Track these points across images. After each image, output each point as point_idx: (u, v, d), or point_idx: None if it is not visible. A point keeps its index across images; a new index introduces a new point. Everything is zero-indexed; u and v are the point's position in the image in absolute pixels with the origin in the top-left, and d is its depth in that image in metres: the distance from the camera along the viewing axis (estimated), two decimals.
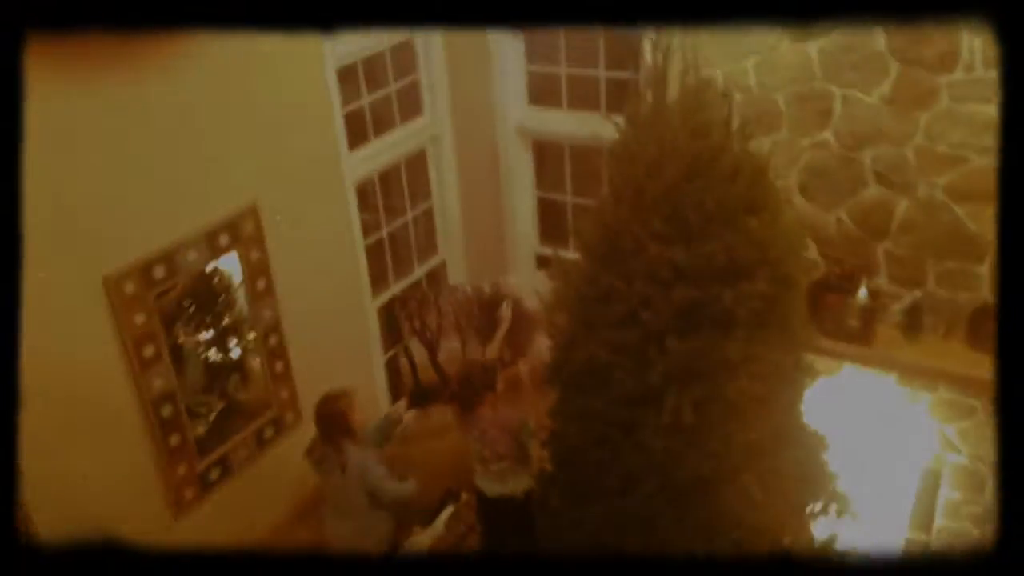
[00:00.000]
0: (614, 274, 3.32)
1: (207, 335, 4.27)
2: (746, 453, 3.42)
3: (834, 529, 4.11)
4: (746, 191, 3.17)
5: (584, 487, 3.74)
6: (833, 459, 4.03)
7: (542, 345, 4.46)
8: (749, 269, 3.14)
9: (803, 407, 3.82)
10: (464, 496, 4.76)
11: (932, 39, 3.73)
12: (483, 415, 4.12)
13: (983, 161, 3.77)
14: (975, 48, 3.66)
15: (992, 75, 3.68)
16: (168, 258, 3.82)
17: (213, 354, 4.35)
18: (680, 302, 3.13)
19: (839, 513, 4.03)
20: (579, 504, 3.78)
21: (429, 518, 4.89)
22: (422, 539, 4.83)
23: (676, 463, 3.38)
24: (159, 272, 3.80)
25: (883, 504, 4.58)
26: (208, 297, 4.19)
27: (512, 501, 4.16)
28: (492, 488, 4.18)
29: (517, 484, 4.13)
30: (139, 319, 3.74)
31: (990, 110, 3.70)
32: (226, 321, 4.27)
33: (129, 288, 3.67)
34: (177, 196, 3.81)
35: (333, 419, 3.81)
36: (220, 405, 4.37)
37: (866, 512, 4.53)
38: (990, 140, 3.77)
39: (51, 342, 3.34)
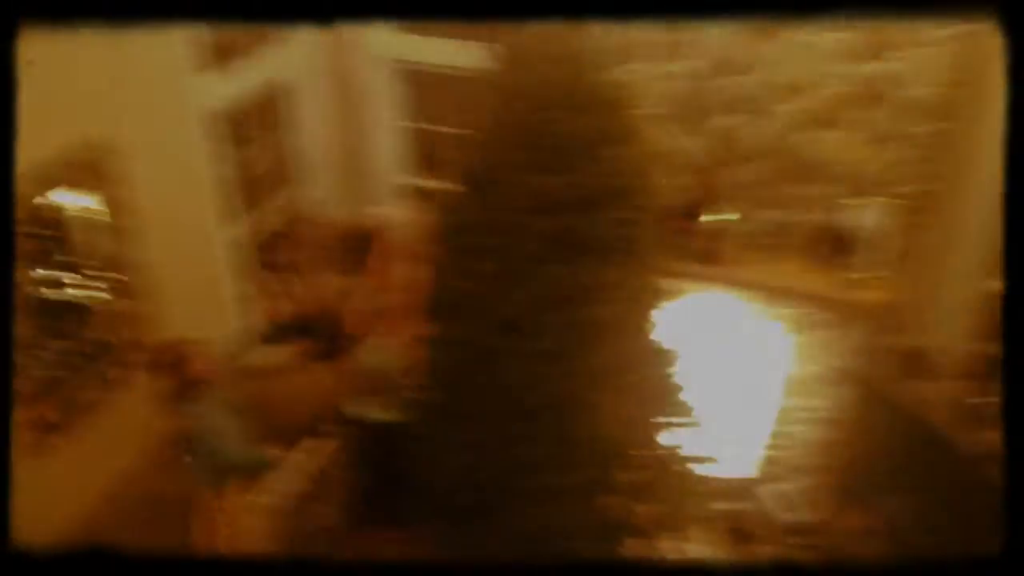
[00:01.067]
0: (482, 205, 3.38)
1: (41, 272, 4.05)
2: (598, 374, 3.60)
3: (682, 438, 4.42)
4: (601, 122, 3.27)
5: (455, 411, 3.86)
6: (681, 374, 4.31)
7: (410, 275, 4.46)
8: (603, 199, 3.27)
9: (654, 327, 4.04)
10: (330, 427, 4.79)
11: None
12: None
13: (819, 90, 4.01)
14: None
15: None
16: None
17: (63, 289, 4.15)
18: (542, 231, 3.23)
19: (686, 422, 4.33)
20: (450, 427, 3.89)
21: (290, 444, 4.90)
22: (286, 471, 4.85)
23: (538, 385, 3.53)
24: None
25: (735, 413, 4.95)
26: (58, 228, 3.97)
27: (381, 427, 4.25)
28: (361, 414, 4.26)
29: (385, 410, 4.22)
30: None
31: (824, 41, 3.92)
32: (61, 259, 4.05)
33: None
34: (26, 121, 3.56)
35: (167, 368, 3.71)
36: (65, 345, 4.18)
37: (718, 421, 4.91)
38: (826, 68, 4.00)
39: None
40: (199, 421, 3.79)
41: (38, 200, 3.80)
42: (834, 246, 4.21)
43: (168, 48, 4.23)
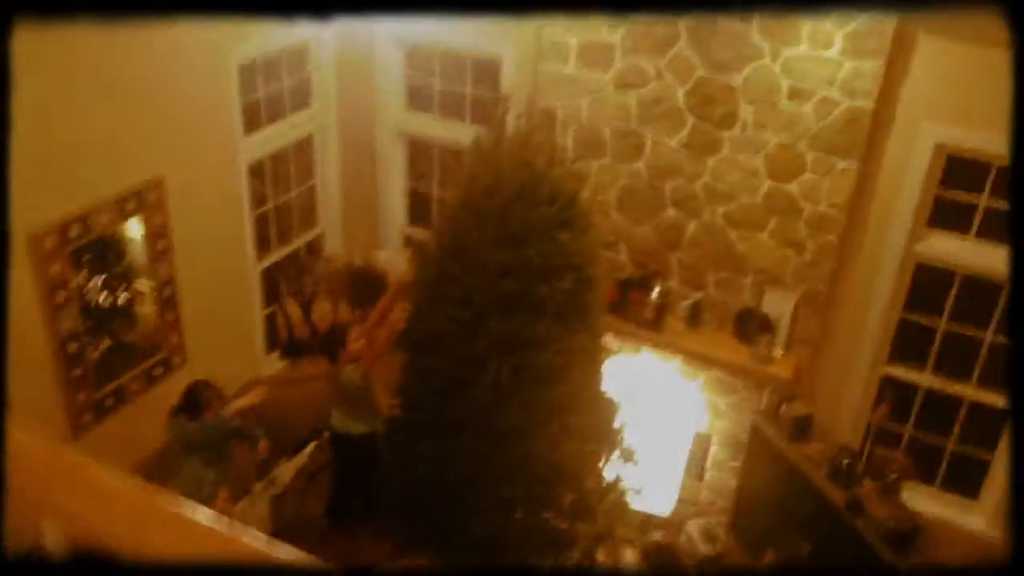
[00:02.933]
0: (456, 265, 4.25)
1: (98, 280, 4.90)
2: (550, 410, 4.42)
3: (620, 473, 5.21)
4: (560, 211, 4.14)
5: (424, 428, 4.67)
6: (623, 419, 5.13)
7: (400, 312, 5.30)
8: (558, 271, 4.13)
9: (600, 377, 4.87)
10: (326, 434, 5.62)
11: (717, 102, 4.81)
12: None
13: (750, 199, 4.90)
14: (748, 112, 4.77)
15: (758, 136, 4.80)
16: (83, 219, 4.49)
17: (103, 298, 4.99)
18: (504, 291, 4.08)
19: (624, 459, 5.13)
20: (419, 442, 4.70)
21: (296, 450, 5.75)
22: (288, 467, 5.69)
23: (496, 413, 4.35)
24: (75, 230, 4.46)
25: (664, 457, 5.74)
26: (117, 250, 4.84)
27: (357, 438, 5.08)
28: (341, 425, 5.10)
29: (362, 425, 5.05)
30: (54, 270, 4.41)
31: (756, 161, 4.83)
32: (116, 270, 4.91)
33: (49, 243, 4.34)
34: (93, 166, 4.48)
35: (193, 403, 4.66)
36: (107, 343, 5.04)
37: (650, 462, 5.69)
38: (756, 183, 4.90)
39: None
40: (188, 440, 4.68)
41: (104, 224, 4.68)
42: (755, 325, 5.05)
43: (223, 108, 5.18)
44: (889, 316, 4.96)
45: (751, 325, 5.11)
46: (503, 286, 4.08)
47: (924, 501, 4.94)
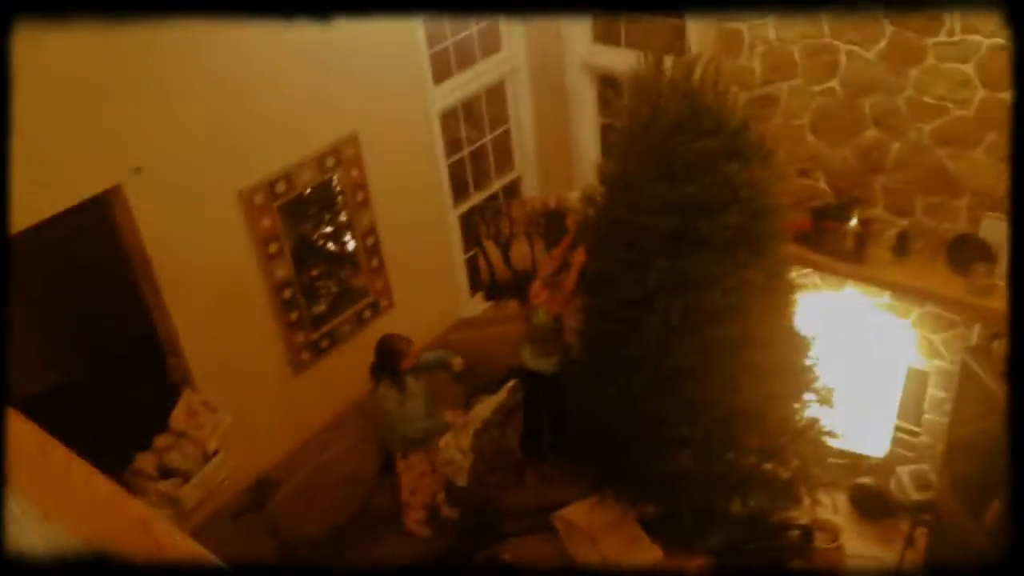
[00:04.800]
0: (622, 203, 4.20)
1: (328, 230, 5.34)
2: (723, 349, 4.28)
3: (818, 414, 4.95)
4: (726, 142, 3.94)
5: (602, 369, 4.71)
6: (818, 358, 4.84)
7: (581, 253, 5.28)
8: (723, 205, 3.95)
9: (786, 314, 4.62)
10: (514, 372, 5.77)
11: None
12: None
13: (961, 112, 4.35)
14: (955, 16, 4.21)
15: (968, 39, 4.22)
16: (287, 176, 4.90)
17: (332, 246, 5.44)
18: (667, 229, 3.99)
19: (821, 402, 4.86)
20: (598, 382, 4.75)
21: (495, 388, 5.99)
22: (488, 403, 5.94)
23: (666, 354, 4.29)
24: (281, 187, 4.89)
25: (876, 397, 5.36)
26: (327, 202, 5.25)
27: (547, 376, 5.18)
28: (533, 363, 5.21)
29: (551, 363, 5.14)
30: (265, 223, 4.86)
31: (966, 68, 4.27)
32: (342, 218, 5.32)
33: (258, 199, 4.79)
34: (295, 126, 4.85)
35: (387, 355, 4.80)
36: (335, 289, 5.51)
37: (859, 402, 5.34)
38: (967, 94, 4.34)
39: (204, 240, 4.52)
40: (390, 405, 4.80)
41: (306, 180, 5.06)
42: (971, 253, 4.51)
43: (410, 61, 5.38)
44: None
45: (967, 253, 4.58)
46: (666, 223, 3.98)
47: None
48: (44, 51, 3.43)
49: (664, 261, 4.07)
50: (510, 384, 5.93)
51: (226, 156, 4.57)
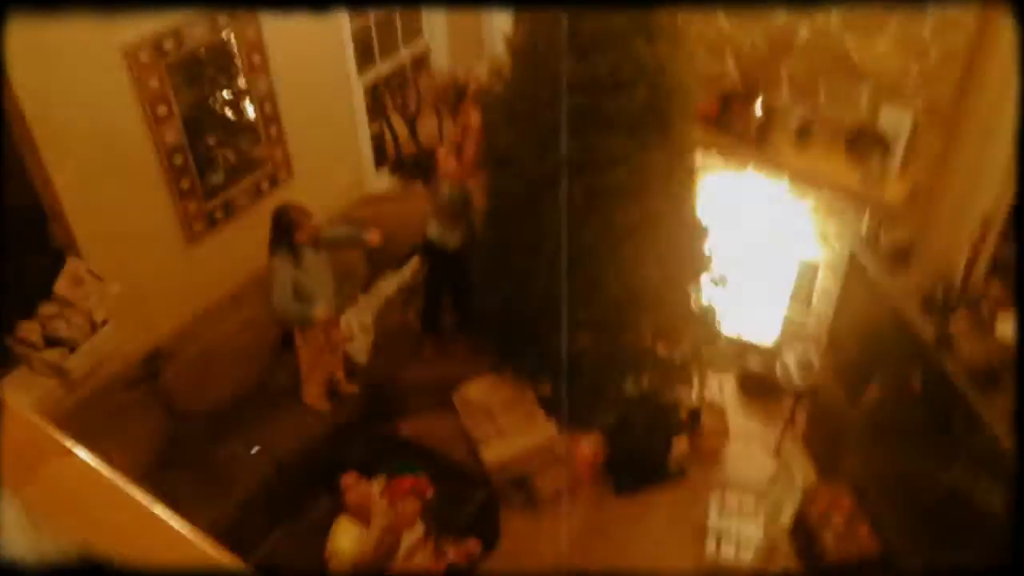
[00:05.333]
0: (528, 77, 4.08)
1: (226, 95, 5.07)
2: (623, 231, 4.30)
3: (711, 298, 5.06)
4: (636, 18, 3.84)
5: (506, 247, 4.69)
6: (715, 243, 4.91)
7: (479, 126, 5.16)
8: (630, 83, 3.87)
9: (687, 198, 4.65)
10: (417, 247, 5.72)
11: None
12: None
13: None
14: None
15: None
16: (176, 33, 4.59)
17: (230, 113, 5.17)
18: (571, 105, 3.90)
19: (715, 284, 4.96)
20: (499, 259, 4.73)
21: (398, 264, 5.93)
22: (391, 281, 5.90)
23: (569, 234, 4.28)
24: (169, 44, 4.58)
25: (768, 284, 5.51)
26: (223, 65, 4.96)
27: (452, 251, 5.14)
28: (438, 237, 5.16)
29: (455, 237, 5.09)
30: (152, 83, 4.57)
31: None
32: (241, 85, 5.05)
33: (144, 57, 4.48)
34: None
35: (281, 225, 4.66)
36: (233, 159, 5.27)
37: (752, 288, 5.49)
38: None
39: (86, 99, 4.22)
40: (282, 276, 4.66)
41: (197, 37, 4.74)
42: (869, 143, 4.58)
43: None
44: None
45: (864, 143, 4.65)
46: (572, 99, 3.89)
47: None
48: None
49: (567, 138, 4.00)
50: (413, 261, 5.90)
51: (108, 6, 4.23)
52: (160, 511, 1.20)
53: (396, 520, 4.01)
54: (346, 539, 3.98)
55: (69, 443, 1.28)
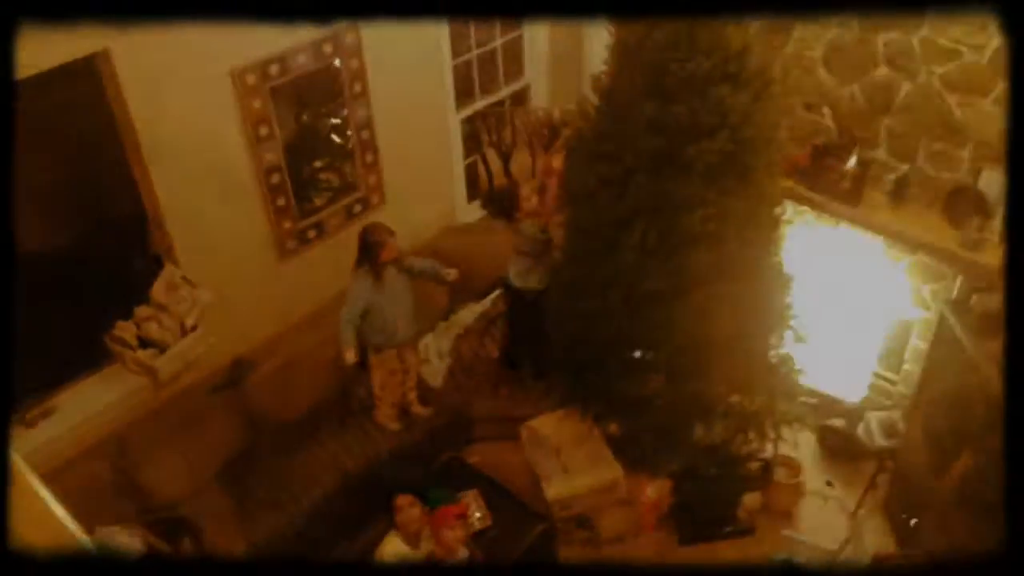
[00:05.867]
0: (609, 120, 4.11)
1: (334, 122, 5.29)
2: (698, 277, 4.24)
3: (792, 351, 4.92)
4: (723, 65, 3.81)
5: (579, 287, 4.69)
6: (801, 297, 4.79)
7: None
8: (710, 129, 3.85)
9: (767, 247, 4.55)
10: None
11: None
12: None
13: (974, 57, 4.18)
14: None
15: None
16: (282, 59, 4.83)
17: (336, 138, 5.40)
18: (650, 149, 3.90)
19: (796, 339, 4.82)
20: (575, 300, 4.73)
21: (480, 296, 6.02)
22: (471, 310, 5.98)
23: (641, 276, 4.26)
24: (274, 69, 4.82)
25: (858, 341, 5.32)
26: (327, 91, 5.18)
27: (531, 294, 5.18)
28: (518, 281, 5.21)
29: (535, 280, 5.13)
30: (256, 104, 4.81)
31: None
32: (342, 112, 5.27)
33: (250, 80, 4.73)
34: None
35: (366, 243, 4.78)
36: (336, 182, 5.49)
37: (839, 344, 5.31)
38: (983, 39, 4.16)
39: (193, 117, 4.49)
40: (360, 291, 4.78)
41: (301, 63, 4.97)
42: (968, 206, 4.39)
43: None
44: None
45: (963, 205, 4.47)
46: (651, 143, 3.90)
47: None
48: None
49: (645, 181, 4.00)
50: (495, 294, 5.98)
51: (220, 33, 4.49)
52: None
53: (438, 548, 4.04)
54: (392, 557, 4.03)
55: None
